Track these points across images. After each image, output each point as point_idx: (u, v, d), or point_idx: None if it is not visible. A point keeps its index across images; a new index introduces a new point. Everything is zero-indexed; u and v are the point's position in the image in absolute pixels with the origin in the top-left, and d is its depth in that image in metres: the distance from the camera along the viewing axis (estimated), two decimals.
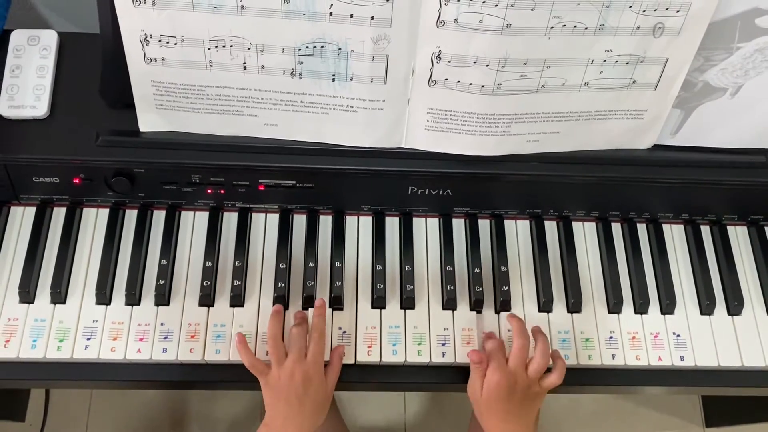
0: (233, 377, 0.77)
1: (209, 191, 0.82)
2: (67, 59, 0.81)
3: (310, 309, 0.80)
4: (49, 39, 0.80)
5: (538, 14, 0.66)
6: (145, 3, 0.66)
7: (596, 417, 1.48)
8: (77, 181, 0.80)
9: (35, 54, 0.79)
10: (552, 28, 0.67)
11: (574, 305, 0.82)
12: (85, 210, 0.83)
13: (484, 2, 0.65)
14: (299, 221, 0.85)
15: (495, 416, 0.73)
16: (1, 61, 0.79)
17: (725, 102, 0.77)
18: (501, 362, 0.73)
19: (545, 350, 0.75)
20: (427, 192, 0.82)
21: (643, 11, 0.67)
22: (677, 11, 0.68)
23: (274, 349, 0.73)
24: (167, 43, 0.69)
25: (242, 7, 0.66)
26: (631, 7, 0.67)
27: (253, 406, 1.41)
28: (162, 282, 0.79)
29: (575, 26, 0.67)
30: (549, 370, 0.76)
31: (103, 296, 0.78)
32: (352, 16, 0.67)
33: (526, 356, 0.75)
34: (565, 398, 1.45)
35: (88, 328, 0.77)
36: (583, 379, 0.81)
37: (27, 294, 0.78)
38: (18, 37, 0.80)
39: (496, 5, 0.65)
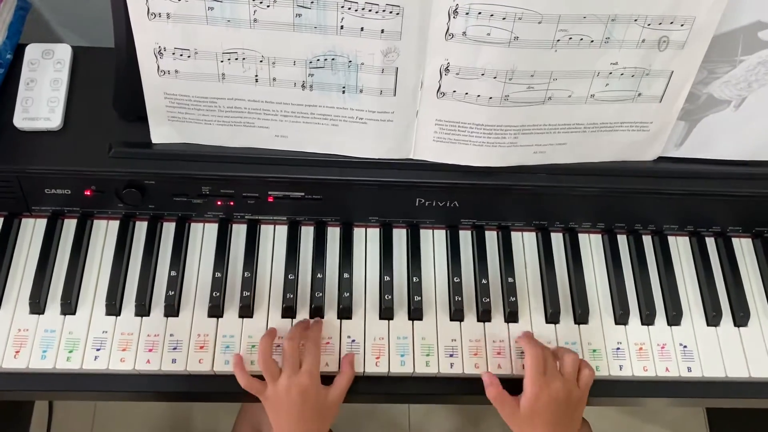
0: (241, 389, 0.77)
1: (219, 203, 0.83)
2: (80, 72, 0.82)
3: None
4: (63, 53, 0.82)
5: (545, 27, 0.67)
6: (160, 16, 0.68)
7: None
8: (89, 193, 0.80)
9: (49, 67, 0.81)
10: (558, 41, 0.68)
11: (581, 316, 0.83)
12: (95, 222, 0.84)
13: (492, 15, 0.66)
14: (307, 233, 0.86)
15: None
16: (17, 75, 0.80)
17: (729, 114, 0.78)
18: (539, 377, 0.73)
19: (565, 349, 0.78)
20: (434, 203, 0.83)
21: (648, 25, 0.69)
22: (682, 25, 0.69)
23: (266, 366, 0.73)
24: (181, 55, 0.70)
25: (255, 20, 0.68)
26: (636, 20, 0.68)
27: None
28: (171, 293, 0.79)
29: (581, 39, 0.69)
30: None
31: (113, 307, 0.79)
32: (362, 29, 0.68)
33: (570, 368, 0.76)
34: None
35: (97, 338, 0.77)
36: (591, 390, 0.81)
37: (37, 305, 0.78)
38: (33, 51, 0.81)
39: (504, 18, 0.66)
